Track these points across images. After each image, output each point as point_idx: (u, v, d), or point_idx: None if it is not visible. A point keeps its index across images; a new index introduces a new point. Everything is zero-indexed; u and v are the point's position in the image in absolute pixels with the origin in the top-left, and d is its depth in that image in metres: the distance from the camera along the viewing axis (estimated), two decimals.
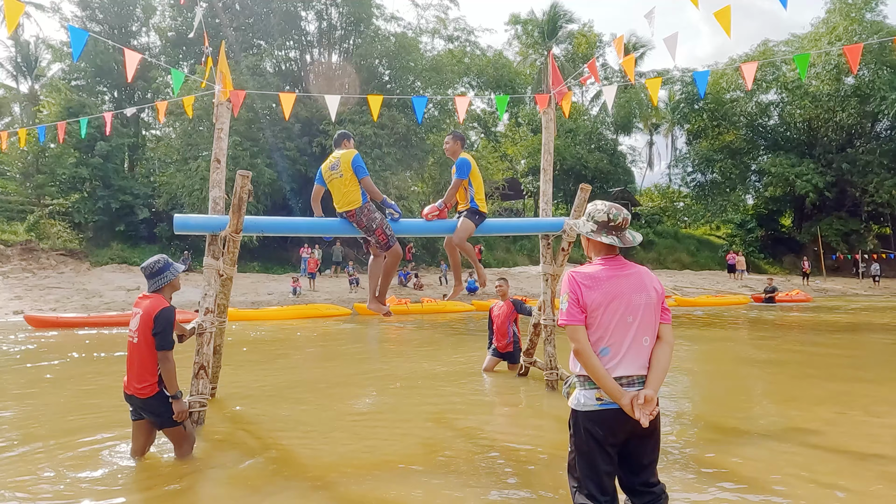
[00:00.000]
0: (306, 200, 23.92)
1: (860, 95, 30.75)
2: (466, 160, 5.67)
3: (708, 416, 5.44)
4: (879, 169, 30.58)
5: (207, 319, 5.04)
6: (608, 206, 2.59)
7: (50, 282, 18.36)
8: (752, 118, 34.95)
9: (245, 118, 21.75)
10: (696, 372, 8.00)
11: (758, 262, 33.47)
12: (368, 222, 5.21)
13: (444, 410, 5.69)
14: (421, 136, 25.44)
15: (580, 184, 6.44)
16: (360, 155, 5.25)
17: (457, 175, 5.68)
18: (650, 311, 2.50)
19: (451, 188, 5.72)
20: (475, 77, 36.77)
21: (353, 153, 5.19)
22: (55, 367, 8.13)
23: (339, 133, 5.51)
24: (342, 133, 5.49)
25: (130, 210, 23.55)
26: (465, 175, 5.66)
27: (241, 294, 17.55)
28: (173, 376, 3.92)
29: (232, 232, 5.04)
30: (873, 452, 4.25)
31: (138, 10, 26.71)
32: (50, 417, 5.34)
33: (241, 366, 8.07)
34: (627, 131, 41.14)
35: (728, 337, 12.23)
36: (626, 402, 2.36)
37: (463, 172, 5.65)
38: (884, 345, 10.84)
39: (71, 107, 22.17)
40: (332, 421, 5.30)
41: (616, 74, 38.68)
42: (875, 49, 28.16)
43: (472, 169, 5.68)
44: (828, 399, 6.04)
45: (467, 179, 5.69)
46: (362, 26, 26.10)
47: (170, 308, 3.96)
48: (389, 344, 11.37)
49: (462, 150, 5.83)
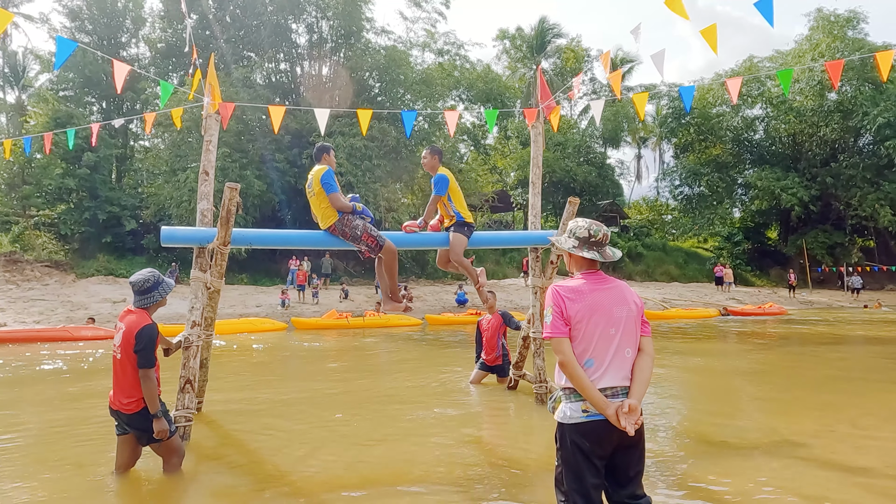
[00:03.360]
0: (296, 212, 23.92)
1: (843, 111, 31.31)
2: (444, 176, 5.70)
3: (694, 429, 5.45)
4: (862, 183, 31.06)
5: (194, 333, 4.99)
6: (589, 223, 2.68)
7: (34, 294, 18.10)
8: (738, 132, 35.45)
9: (235, 129, 21.71)
10: (681, 385, 8.02)
11: (745, 274, 33.77)
12: (352, 231, 5.21)
13: (433, 425, 5.66)
14: (411, 149, 25.51)
15: (569, 197, 6.48)
16: (331, 171, 5.22)
17: (435, 191, 5.73)
18: (631, 323, 2.56)
19: (430, 205, 5.76)
20: (465, 90, 37.05)
21: (323, 169, 5.19)
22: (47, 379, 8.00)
23: (317, 147, 5.44)
24: (320, 147, 5.40)
25: (117, 221, 23.34)
26: (442, 192, 5.70)
27: (230, 307, 17.40)
28: (155, 394, 3.84)
29: (220, 244, 5.01)
30: (860, 465, 4.27)
31: (128, 21, 26.67)
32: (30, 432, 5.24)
33: (219, 380, 7.98)
34: (616, 145, 41.58)
35: (707, 350, 12.29)
36: (611, 413, 2.40)
37: (441, 189, 5.69)
38: (868, 356, 10.94)
39: (58, 117, 22.01)
40: (319, 436, 5.24)
41: (604, 88, 39.14)
42: (857, 66, 28.74)
43: (449, 184, 5.72)
44: (814, 411, 6.08)
45: (446, 195, 5.72)
46: (353, 39, 26.23)
47: (152, 325, 3.90)
48: (364, 359, 11.29)
49: (440, 165, 5.86)
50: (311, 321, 16.05)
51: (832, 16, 31.62)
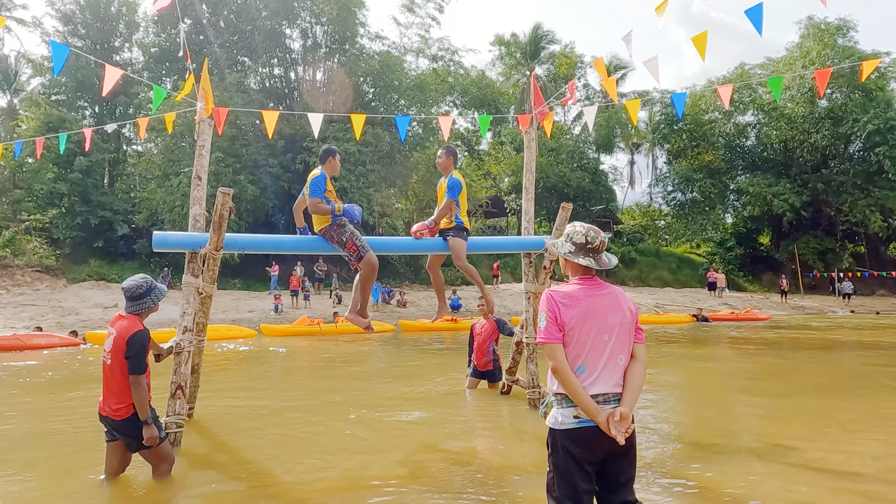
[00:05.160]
0: (289, 217, 23.70)
1: (833, 118, 31.58)
2: (458, 181, 5.67)
3: (686, 434, 5.46)
4: (853, 189, 31.32)
5: (185, 338, 4.96)
6: (586, 229, 2.66)
7: (24, 299, 17.96)
8: (730, 139, 35.68)
9: (228, 134, 21.66)
10: (672, 389, 8.04)
11: (738, 280, 33.92)
12: (339, 236, 5.20)
13: (425, 430, 5.65)
14: (405, 154, 25.53)
15: (562, 202, 6.50)
16: (324, 175, 5.19)
17: (448, 195, 5.67)
18: (625, 330, 2.55)
19: (443, 208, 5.69)
20: (459, 96, 37.16)
21: (315, 174, 5.20)
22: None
23: (322, 149, 5.39)
24: (324, 150, 5.34)
25: (110, 226, 23.20)
26: (455, 196, 5.67)
27: (222, 312, 17.32)
28: (145, 401, 3.82)
29: (212, 250, 4.99)
30: (852, 470, 4.29)
31: (121, 25, 26.60)
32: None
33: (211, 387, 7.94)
34: (609, 150, 41.78)
35: (697, 355, 12.32)
36: (602, 420, 2.39)
37: (454, 193, 5.66)
38: (857, 361, 11.01)
39: (50, 121, 21.90)
40: (310, 442, 5.22)
41: (598, 94, 39.33)
42: (847, 73, 29.00)
43: (462, 189, 5.70)
44: (805, 416, 6.10)
45: (456, 199, 5.71)
46: (347, 45, 26.27)
47: (143, 332, 3.87)
48: (347, 366, 11.26)
49: (454, 168, 5.81)
50: (281, 328, 15.54)
51: (822, 24, 31.92)
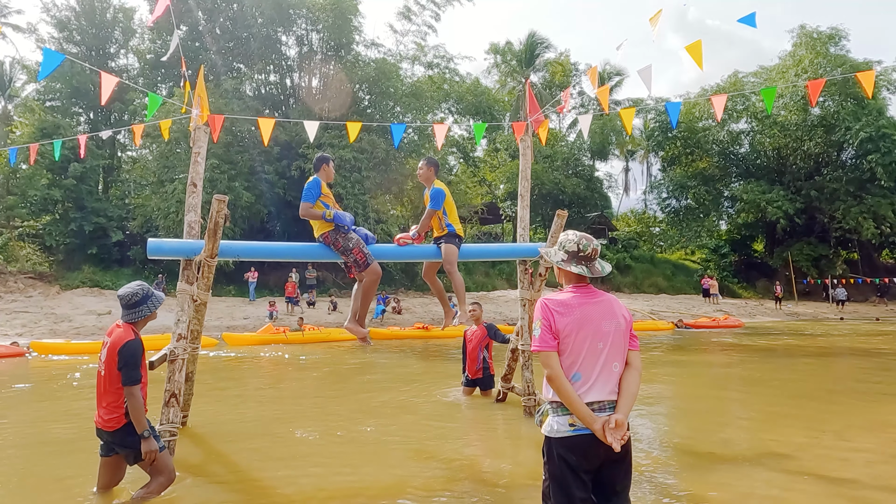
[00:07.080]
0: (285, 223, 23.83)
1: (826, 125, 31.85)
2: (441, 190, 5.70)
3: (681, 441, 5.46)
4: (846, 196, 31.54)
5: (180, 346, 4.93)
6: (579, 237, 2.66)
7: (17, 306, 17.84)
8: (724, 146, 35.93)
9: (224, 141, 21.64)
10: (667, 397, 8.04)
11: (732, 286, 34.05)
12: (344, 242, 5.21)
13: (421, 439, 5.62)
14: (400, 161, 25.56)
15: (558, 209, 6.52)
16: (318, 181, 5.27)
17: (430, 205, 5.71)
18: (619, 337, 2.55)
19: (425, 218, 5.74)
20: (454, 103, 37.23)
21: (310, 179, 5.28)
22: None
23: (316, 157, 5.48)
24: (319, 157, 5.43)
25: (104, 233, 23.11)
26: (438, 206, 5.69)
27: (217, 319, 17.25)
28: (141, 412, 3.67)
29: (207, 257, 4.98)
30: (847, 477, 4.30)
31: (117, 32, 26.61)
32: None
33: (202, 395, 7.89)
34: (604, 157, 41.93)
35: (690, 362, 12.34)
36: (597, 427, 2.40)
37: (437, 203, 5.68)
38: (851, 368, 11.04)
39: (45, 128, 21.86)
40: (304, 452, 5.19)
41: (592, 102, 39.53)
42: (839, 82, 29.25)
43: (445, 198, 5.72)
44: (799, 423, 6.11)
45: (441, 209, 5.72)
46: (342, 52, 26.34)
47: (135, 341, 3.75)
48: (330, 375, 11.20)
49: (436, 177, 5.85)
50: (244, 336, 14.70)
51: (815, 32, 32.23)
